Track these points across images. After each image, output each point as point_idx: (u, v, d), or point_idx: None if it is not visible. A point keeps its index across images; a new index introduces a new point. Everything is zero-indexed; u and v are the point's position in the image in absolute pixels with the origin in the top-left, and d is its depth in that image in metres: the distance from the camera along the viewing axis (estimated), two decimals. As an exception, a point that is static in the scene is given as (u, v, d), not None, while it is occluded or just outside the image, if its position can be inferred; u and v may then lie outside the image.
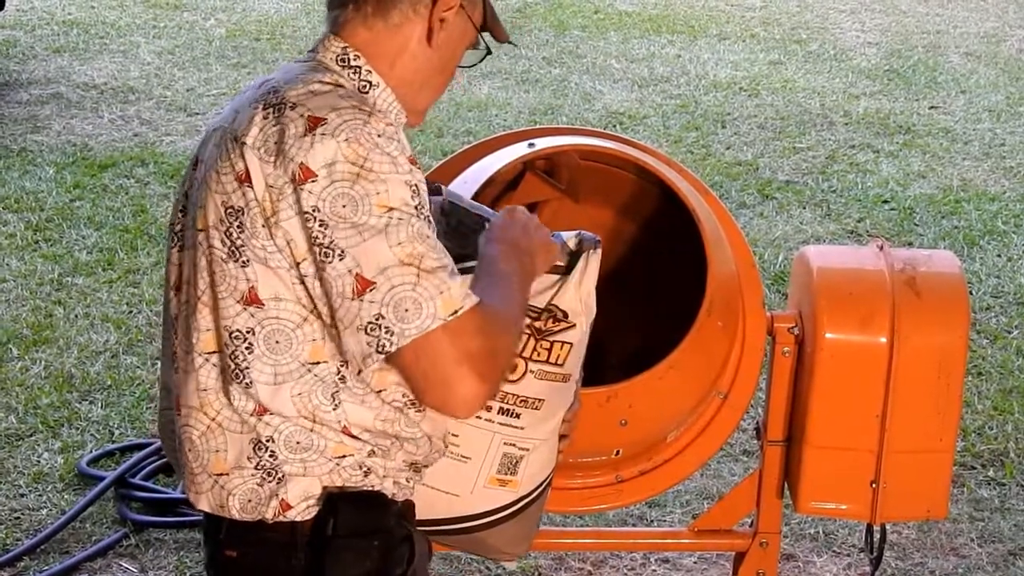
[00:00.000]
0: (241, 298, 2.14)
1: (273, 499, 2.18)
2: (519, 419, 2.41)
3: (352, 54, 2.23)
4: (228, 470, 2.20)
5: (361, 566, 2.20)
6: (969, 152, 8.03)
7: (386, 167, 2.09)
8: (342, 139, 2.09)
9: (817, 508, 3.20)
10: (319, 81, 2.18)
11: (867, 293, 3.05)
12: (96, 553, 4.08)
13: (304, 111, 2.12)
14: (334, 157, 2.08)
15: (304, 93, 2.15)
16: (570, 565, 4.10)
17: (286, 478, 2.18)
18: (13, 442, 4.65)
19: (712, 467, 4.53)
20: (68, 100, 8.44)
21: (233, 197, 2.14)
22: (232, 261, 2.14)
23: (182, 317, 2.24)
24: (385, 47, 2.24)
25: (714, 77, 9.43)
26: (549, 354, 2.40)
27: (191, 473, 2.24)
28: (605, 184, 3.20)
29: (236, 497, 2.20)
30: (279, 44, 9.89)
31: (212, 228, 2.16)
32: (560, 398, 2.47)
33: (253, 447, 2.18)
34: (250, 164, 2.12)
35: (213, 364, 2.20)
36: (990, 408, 5.05)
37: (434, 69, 2.29)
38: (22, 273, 5.92)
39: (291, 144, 2.10)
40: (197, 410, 2.21)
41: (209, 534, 2.29)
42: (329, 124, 2.10)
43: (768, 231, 6.66)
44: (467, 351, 2.08)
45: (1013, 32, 11.13)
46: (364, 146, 2.09)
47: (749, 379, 3.20)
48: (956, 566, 4.17)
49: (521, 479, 2.46)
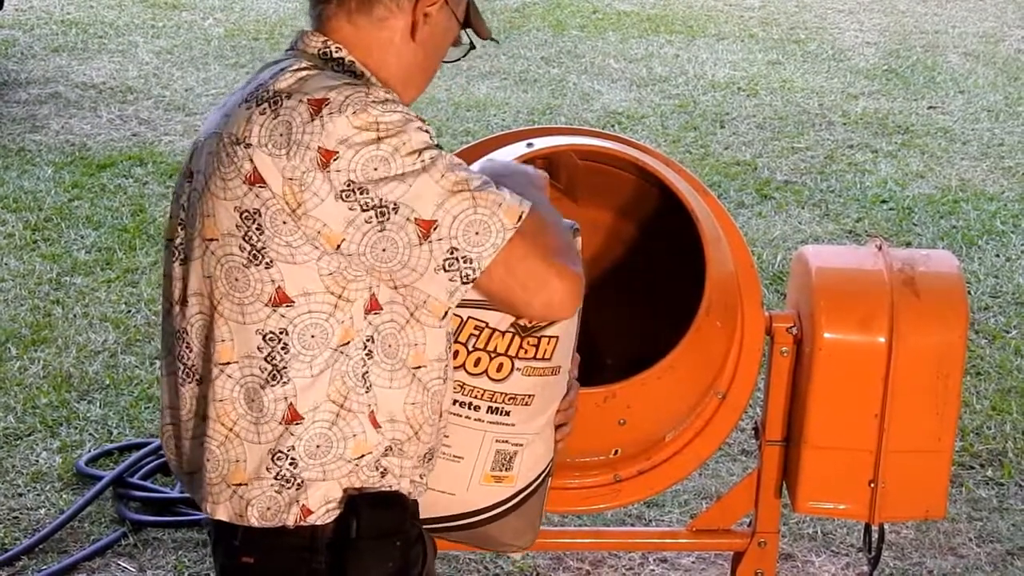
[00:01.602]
0: (269, 300, 2.13)
1: (293, 505, 2.17)
2: (509, 416, 2.41)
3: (334, 47, 2.23)
4: (247, 480, 2.18)
5: (383, 567, 2.20)
6: (967, 152, 8.04)
7: (398, 119, 2.11)
8: (350, 113, 2.09)
9: (815, 508, 3.20)
10: (305, 68, 2.18)
11: (866, 293, 3.05)
12: (94, 552, 4.08)
13: (302, 96, 2.12)
14: (347, 131, 2.09)
15: (294, 82, 2.15)
16: (568, 565, 4.10)
17: (305, 484, 2.17)
18: (11, 441, 4.65)
19: (710, 467, 4.53)
20: (66, 100, 8.44)
21: (246, 200, 2.12)
22: (254, 265, 2.13)
23: (195, 329, 2.22)
24: (369, 42, 2.24)
25: (712, 77, 9.43)
26: (536, 350, 2.39)
27: (209, 484, 2.22)
28: (604, 184, 3.20)
29: (255, 506, 2.18)
30: (277, 44, 9.89)
31: (226, 236, 2.14)
32: (551, 391, 2.46)
33: (272, 457, 2.17)
34: (260, 163, 2.11)
35: (228, 375, 2.18)
36: (988, 408, 5.05)
37: (418, 65, 2.29)
38: (20, 273, 5.92)
39: (301, 132, 2.10)
40: (215, 420, 2.19)
41: (221, 541, 2.27)
42: (332, 103, 2.10)
43: (767, 231, 6.67)
44: (547, 247, 2.16)
45: (1011, 32, 11.13)
46: (371, 112, 2.10)
47: (747, 379, 3.20)
48: (954, 566, 4.17)
49: (517, 474, 2.46)
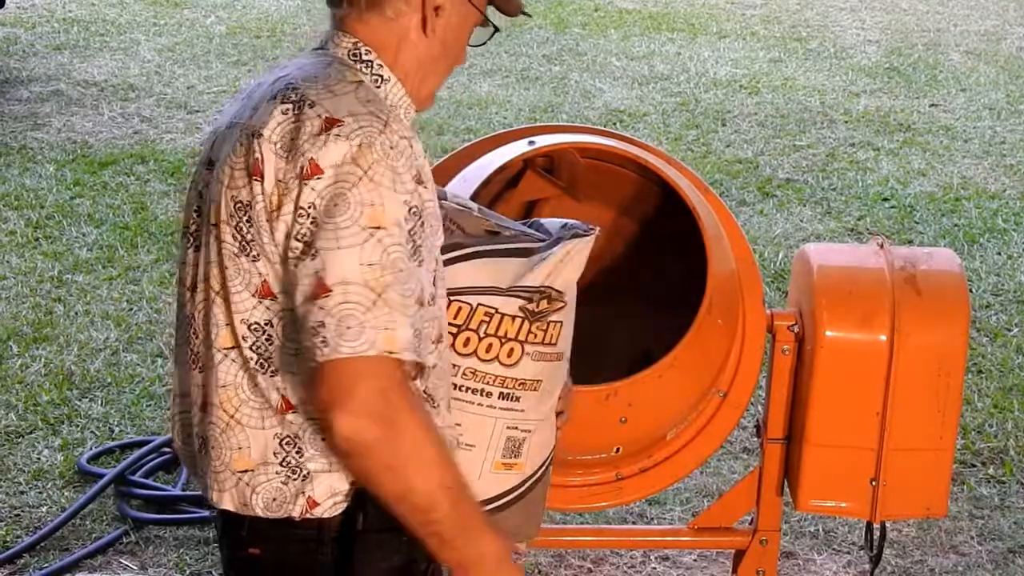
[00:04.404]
0: (255, 291, 2.15)
1: (300, 497, 2.17)
2: (519, 402, 2.45)
3: (363, 49, 2.24)
4: (254, 466, 2.19)
5: (390, 560, 2.21)
6: (969, 150, 8.03)
7: (387, 181, 2.08)
8: (355, 143, 2.09)
9: (817, 506, 3.20)
10: (340, 80, 2.18)
11: (867, 291, 3.05)
12: (96, 550, 4.08)
13: (322, 111, 2.13)
14: (343, 159, 2.08)
15: (324, 92, 2.16)
16: (570, 563, 4.10)
17: (311, 475, 2.17)
18: (13, 439, 4.65)
19: (712, 465, 4.53)
20: (68, 97, 8.44)
21: (242, 192, 2.14)
22: (244, 256, 2.15)
23: (200, 315, 2.24)
24: (385, 40, 2.25)
25: (714, 75, 9.43)
26: (545, 335, 2.43)
27: (213, 471, 2.23)
28: (605, 182, 3.20)
29: (260, 495, 2.19)
30: (279, 42, 9.90)
31: (223, 223, 2.17)
32: (556, 377, 2.51)
33: (280, 442, 2.17)
34: (265, 156, 2.13)
35: (232, 360, 2.19)
36: (990, 406, 5.05)
37: (436, 56, 2.29)
38: (22, 270, 5.92)
39: (304, 140, 2.10)
40: (217, 407, 2.20)
41: (227, 533, 2.27)
42: (345, 127, 2.10)
43: (768, 229, 6.66)
44: (383, 392, 2.04)
45: (1013, 30, 11.13)
46: (374, 154, 2.09)
47: (749, 377, 3.20)
48: (956, 564, 4.17)
49: (525, 461, 2.50)
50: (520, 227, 2.53)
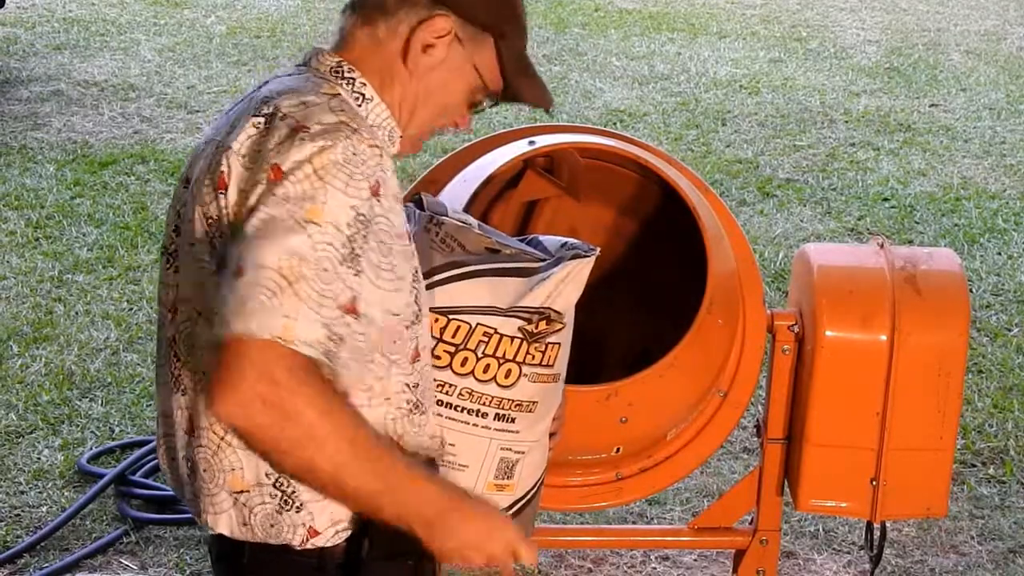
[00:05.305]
0: None
1: (300, 527, 2.15)
2: (514, 423, 2.42)
3: (346, 67, 2.21)
4: (248, 487, 2.15)
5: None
6: (969, 150, 8.03)
7: (338, 183, 2.04)
8: (318, 143, 2.05)
9: (817, 506, 3.20)
10: (315, 92, 2.15)
11: (867, 291, 3.05)
12: (96, 550, 4.08)
13: (292, 121, 2.09)
14: (304, 158, 2.04)
15: (297, 104, 2.12)
16: (570, 562, 4.10)
17: (304, 505, 2.14)
18: (13, 439, 4.65)
19: (712, 465, 4.53)
20: (69, 97, 8.44)
21: (211, 207, 2.11)
22: (219, 274, 2.08)
23: (182, 335, 2.21)
24: (371, 64, 2.21)
25: (714, 75, 9.43)
26: (543, 356, 2.40)
27: (208, 494, 2.19)
28: (606, 182, 3.20)
29: (258, 516, 2.16)
30: (279, 42, 9.90)
31: (199, 243, 2.14)
32: (551, 398, 2.49)
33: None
34: (232, 169, 2.10)
35: None
36: (990, 406, 5.05)
37: (418, 96, 2.23)
38: (22, 270, 5.92)
39: (270, 149, 2.07)
40: (207, 429, 2.16)
41: (224, 559, 2.23)
42: (311, 131, 2.07)
43: (768, 229, 6.66)
44: (271, 378, 1.96)
45: (1013, 30, 11.13)
46: (333, 156, 2.04)
47: (749, 377, 3.20)
48: (956, 564, 4.17)
49: (517, 482, 2.48)
50: (520, 245, 2.50)
